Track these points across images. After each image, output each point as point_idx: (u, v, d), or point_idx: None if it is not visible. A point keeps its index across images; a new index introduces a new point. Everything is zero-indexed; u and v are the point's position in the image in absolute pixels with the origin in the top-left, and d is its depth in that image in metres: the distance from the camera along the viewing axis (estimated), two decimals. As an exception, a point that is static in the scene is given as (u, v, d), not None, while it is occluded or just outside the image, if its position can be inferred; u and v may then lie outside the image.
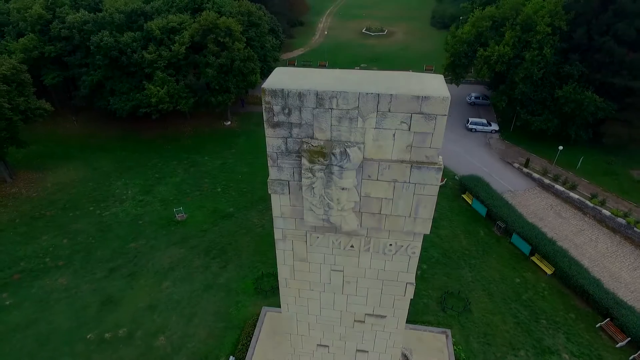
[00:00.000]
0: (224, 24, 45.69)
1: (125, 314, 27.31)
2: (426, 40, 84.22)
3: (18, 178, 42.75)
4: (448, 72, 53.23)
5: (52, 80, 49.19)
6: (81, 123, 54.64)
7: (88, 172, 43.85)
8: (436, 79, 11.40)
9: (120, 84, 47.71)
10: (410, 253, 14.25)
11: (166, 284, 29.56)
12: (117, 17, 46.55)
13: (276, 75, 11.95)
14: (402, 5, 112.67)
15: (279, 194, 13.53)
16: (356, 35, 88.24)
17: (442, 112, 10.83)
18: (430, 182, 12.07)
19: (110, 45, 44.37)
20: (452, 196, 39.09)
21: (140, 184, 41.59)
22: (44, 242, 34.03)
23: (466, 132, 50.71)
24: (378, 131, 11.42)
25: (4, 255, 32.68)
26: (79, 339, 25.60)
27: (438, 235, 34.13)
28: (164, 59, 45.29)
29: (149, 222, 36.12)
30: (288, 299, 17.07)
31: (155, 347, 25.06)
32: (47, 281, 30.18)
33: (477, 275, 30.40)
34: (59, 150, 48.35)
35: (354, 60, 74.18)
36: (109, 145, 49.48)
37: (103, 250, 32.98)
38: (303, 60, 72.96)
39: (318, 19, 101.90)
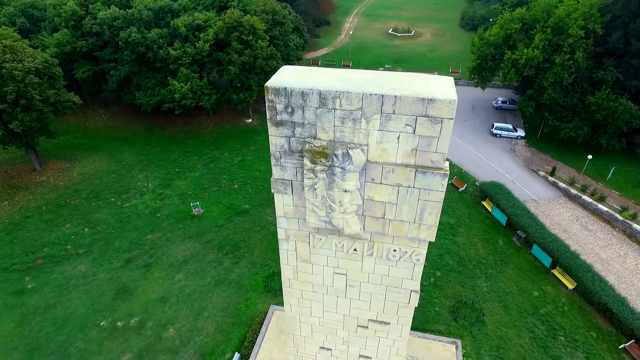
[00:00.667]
0: (248, 22, 46.07)
1: (138, 304, 27.92)
2: (454, 42, 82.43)
3: (47, 167, 44.49)
4: (474, 75, 51.86)
5: (83, 74, 50.92)
6: (109, 116, 56.36)
7: (112, 164, 45.16)
8: (444, 81, 10.97)
9: (146, 80, 48.91)
10: (415, 260, 13.85)
11: (179, 276, 30.04)
12: (145, 14, 47.72)
13: (281, 73, 11.82)
14: (431, 6, 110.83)
15: (282, 193, 13.41)
16: (382, 36, 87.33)
17: (448, 116, 10.40)
18: (436, 188, 11.65)
19: (137, 41, 45.53)
20: (472, 202, 38.00)
21: (161, 178, 42.49)
22: (66, 230, 35.26)
23: (490, 137, 49.25)
24: (382, 133, 11.11)
25: (29, 240, 34.06)
26: (93, 326, 26.35)
27: (454, 242, 33.24)
28: (189, 55, 46.08)
29: (167, 215, 36.84)
30: (291, 299, 16.95)
31: (165, 338, 25.48)
32: (67, 267, 31.24)
33: (493, 285, 29.40)
34: (87, 142, 50.04)
35: (379, 61, 73.45)
36: (134, 138, 50.82)
37: (121, 241, 33.85)
38: (327, 60, 72.79)
39: (344, 19, 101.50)
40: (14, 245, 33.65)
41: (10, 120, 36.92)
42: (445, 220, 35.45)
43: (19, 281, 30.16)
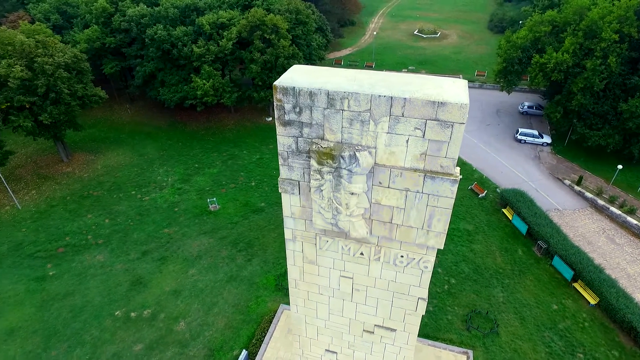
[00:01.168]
0: (271, 21, 46.30)
1: (152, 296, 28.45)
2: (481, 44, 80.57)
3: (73, 159, 45.99)
4: (499, 79, 50.46)
5: (111, 69, 52.38)
6: (134, 111, 57.81)
7: (135, 158, 46.27)
8: (456, 84, 10.60)
9: (170, 76, 49.88)
10: (423, 267, 13.50)
11: (192, 271, 30.44)
12: (171, 12, 48.65)
13: (290, 72, 11.70)
14: (459, 8, 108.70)
15: (289, 193, 13.31)
16: (407, 37, 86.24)
17: (459, 120, 10.04)
18: (445, 194, 11.30)
19: (163, 38, 46.47)
20: (491, 209, 36.95)
21: (180, 173, 43.24)
22: (88, 220, 36.33)
23: (515, 143, 47.81)
24: (390, 136, 10.85)
25: (53, 229, 35.27)
26: (108, 315, 27.01)
27: (471, 249, 32.39)
28: (212, 53, 46.70)
29: (184, 210, 37.43)
30: (297, 300, 16.86)
31: (175, 331, 25.86)
32: (87, 257, 32.17)
33: (509, 296, 28.47)
34: (112, 136, 51.47)
35: (402, 62, 72.57)
36: (157, 133, 51.93)
37: (139, 233, 34.60)
38: (349, 60, 72.44)
39: (370, 19, 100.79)
40: (39, 233, 34.92)
41: (40, 113, 38.34)
42: (462, 227, 34.62)
43: (41, 268, 31.27)
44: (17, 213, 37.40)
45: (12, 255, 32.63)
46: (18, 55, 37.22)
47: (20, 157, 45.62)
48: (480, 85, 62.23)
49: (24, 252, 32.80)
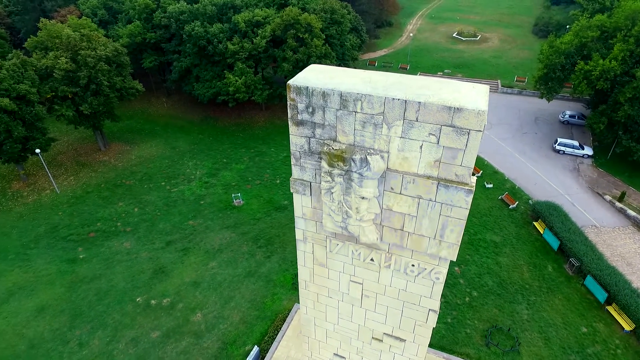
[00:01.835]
0: (305, 20, 46.41)
1: (172, 285, 29.20)
2: (523, 49, 77.35)
3: (110, 148, 48.04)
4: (539, 85, 48.17)
5: (150, 64, 54.29)
6: (170, 105, 59.67)
7: (167, 150, 47.73)
8: (476, 90, 10.07)
9: (204, 72, 51.08)
10: (434, 278, 12.99)
11: (212, 264, 31.00)
12: (209, 9, 49.78)
13: (305, 72, 11.56)
14: (502, 11, 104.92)
15: (301, 194, 13.20)
16: (445, 40, 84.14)
17: (476, 127, 9.53)
18: (459, 204, 10.79)
19: (199, 34, 47.62)
20: (522, 222, 35.31)
21: (209, 167, 44.19)
22: (119, 208, 37.82)
23: (552, 154, 45.49)
24: (404, 141, 10.47)
25: (86, 214, 36.97)
26: (129, 300, 27.98)
27: (497, 262, 31.09)
28: (245, 50, 47.40)
29: (209, 204, 38.21)
30: (307, 301, 16.72)
31: (192, 321, 26.41)
32: (115, 243, 33.48)
33: (534, 314, 27.07)
34: (147, 127, 53.35)
35: (439, 65, 70.88)
36: (189, 127, 53.34)
37: (165, 224, 35.64)
38: (384, 62, 71.51)
39: (408, 20, 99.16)
40: (74, 217, 36.70)
41: (81, 103, 40.29)
42: (489, 238, 33.29)
43: (73, 250, 32.84)
44: (56, 197, 39.49)
45: (48, 236, 34.48)
46: (64, 47, 39.26)
47: (62, 144, 48.16)
48: (520, 92, 59.75)
49: (58, 235, 34.58)
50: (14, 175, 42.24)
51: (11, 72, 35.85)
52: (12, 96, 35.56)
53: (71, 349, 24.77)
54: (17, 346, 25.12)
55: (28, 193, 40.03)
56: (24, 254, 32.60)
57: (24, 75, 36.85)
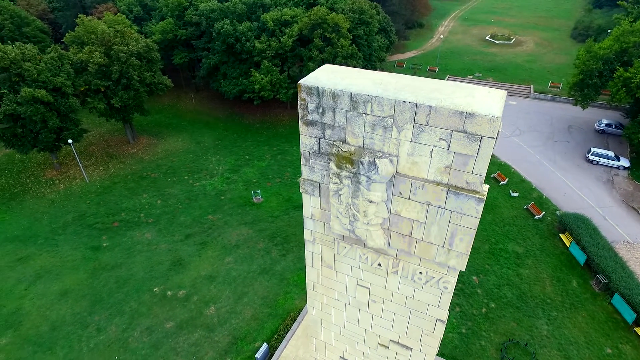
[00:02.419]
0: (332, 20, 46.31)
1: (189, 278, 29.78)
2: (560, 53, 74.39)
3: (138, 141, 49.56)
4: (574, 92, 46.15)
5: (180, 60, 55.64)
6: (197, 100, 60.96)
7: (192, 145, 48.78)
8: (491, 95, 9.67)
9: (232, 69, 51.87)
10: (442, 287, 12.61)
11: (228, 259, 31.41)
12: (239, 7, 50.50)
13: (317, 71, 11.46)
14: (540, 13, 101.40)
15: (310, 194, 13.09)
16: (477, 42, 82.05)
17: (488, 134, 9.15)
18: (469, 212, 10.41)
19: (228, 32, 48.39)
20: (547, 233, 33.92)
21: (231, 163, 44.83)
22: (143, 200, 38.94)
23: (585, 164, 43.48)
24: (414, 145, 10.20)
25: (112, 204, 38.27)
26: (147, 290, 28.74)
27: (518, 273, 29.99)
28: (272, 49, 47.79)
29: (229, 199, 38.75)
30: (314, 302, 16.63)
31: (205, 314, 26.84)
32: (137, 233, 34.48)
33: (555, 330, 25.93)
34: (175, 122, 54.69)
35: (469, 68, 69.15)
36: (215, 123, 54.31)
37: (185, 217, 36.42)
38: (412, 63, 70.44)
39: (440, 22, 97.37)
40: (100, 206, 38.08)
41: (112, 96, 41.74)
42: (511, 248, 32.18)
43: (97, 238, 34.06)
44: (85, 186, 41.09)
45: (75, 223, 35.92)
46: (99, 42, 40.78)
47: (94, 135, 50.06)
48: (553, 98, 57.48)
49: (85, 222, 35.96)
50: (48, 163, 44.26)
51: (49, 65, 37.55)
52: (49, 88, 37.25)
53: (89, 333, 25.69)
54: (40, 327, 26.28)
55: (60, 181, 41.84)
56: (52, 239, 34.09)
57: (60, 69, 38.52)
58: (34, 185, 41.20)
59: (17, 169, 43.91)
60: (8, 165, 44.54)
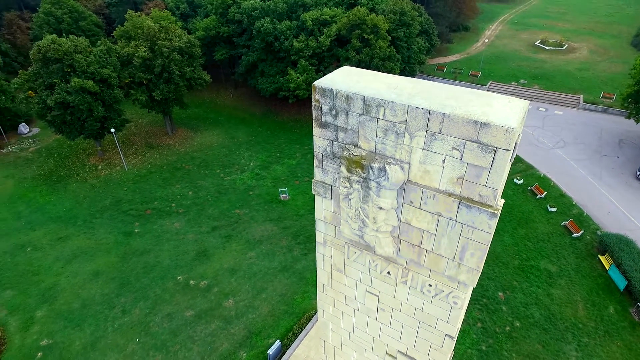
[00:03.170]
0: (371, 21, 45.84)
1: (211, 269, 30.53)
2: (617, 62, 69.67)
3: (176, 133, 51.40)
4: (628, 104, 43.03)
5: (221, 56, 57.10)
6: (235, 96, 62.36)
7: (226, 140, 49.97)
8: (510, 105, 9.16)
9: (269, 67, 52.60)
10: (452, 302, 12.13)
11: (251, 254, 31.89)
12: (280, 6, 51.10)
13: (334, 73, 11.34)
14: (599, 19, 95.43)
15: (322, 197, 13.01)
16: (526, 48, 78.45)
17: (503, 146, 8.68)
18: (481, 227, 9.94)
19: (268, 30, 49.09)
20: (585, 253, 31.84)
21: (262, 159, 45.51)
22: (175, 190, 40.35)
23: (635, 182, 40.44)
24: (426, 153, 9.86)
25: (146, 192, 39.93)
26: (171, 278, 29.74)
27: (548, 293, 28.35)
28: (310, 48, 47.99)
29: (257, 195, 39.35)
30: (324, 305, 16.54)
31: (223, 306, 27.41)
32: (167, 222, 35.78)
33: (584, 358, 24.25)
34: (212, 116, 56.26)
35: (514, 74, 66.26)
36: (250, 119, 55.34)
37: (214, 209, 37.36)
38: (453, 67, 68.41)
39: (487, 26, 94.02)
40: (135, 194, 39.85)
41: (153, 89, 43.53)
42: (543, 266, 30.48)
43: (130, 224, 35.68)
44: (124, 174, 43.16)
45: (112, 209, 37.81)
46: (144, 37, 42.64)
47: (136, 126, 52.44)
48: (604, 110, 53.90)
49: (120, 208, 37.77)
50: (93, 150, 46.86)
51: (98, 58, 39.73)
52: (97, 79, 39.41)
53: (115, 314, 26.94)
54: (72, 304, 27.88)
55: (102, 167, 44.20)
56: (90, 222, 36.08)
57: (108, 61, 40.65)
58: (79, 170, 43.78)
59: (65, 153, 46.84)
60: (57, 149, 47.60)
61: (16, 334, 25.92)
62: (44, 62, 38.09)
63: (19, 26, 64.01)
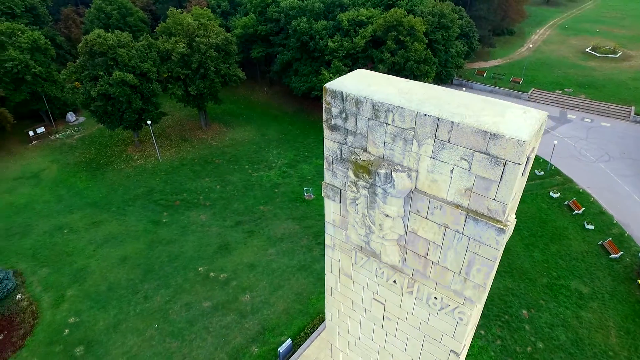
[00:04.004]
0: (408, 22, 45.02)
1: (231, 263, 31.11)
2: (676, 73, 64.61)
3: (210, 128, 52.78)
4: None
5: (257, 54, 58.07)
6: (270, 94, 63.21)
7: (257, 136, 50.75)
8: (525, 116, 8.67)
9: (303, 66, 52.90)
10: (458, 318, 11.67)
11: (271, 250, 32.21)
12: (317, 6, 51.26)
13: (347, 76, 11.20)
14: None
15: (331, 200, 12.90)
16: (575, 54, 74.41)
17: (513, 159, 8.23)
18: (488, 242, 9.50)
19: (304, 30, 49.37)
20: (623, 277, 29.73)
21: (290, 158, 45.85)
22: (204, 183, 41.45)
23: (687, 203, 37.37)
24: (434, 162, 9.54)
25: (177, 184, 41.27)
26: (192, 268, 30.57)
27: (577, 315, 26.71)
28: (344, 49, 47.81)
29: (282, 193, 39.69)
30: (332, 309, 16.41)
31: (240, 300, 27.85)
32: (194, 214, 36.82)
33: (613, 387, 22.73)
34: (245, 113, 57.31)
35: (559, 82, 63.00)
36: (282, 117, 55.91)
37: (239, 204, 38.05)
38: (494, 72, 65.93)
39: (534, 30, 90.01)
40: (167, 185, 41.29)
41: (189, 84, 44.90)
42: (574, 286, 28.75)
43: (159, 214, 37.01)
44: (157, 165, 44.83)
45: (144, 198, 39.38)
46: (184, 34, 44.05)
47: (173, 119, 54.32)
48: (657, 123, 50.19)
49: (152, 198, 39.26)
50: (131, 140, 49.01)
51: (139, 52, 41.47)
52: (137, 73, 41.15)
53: (138, 299, 28.04)
54: (99, 286, 29.29)
55: (137, 157, 46.14)
56: (123, 209, 37.75)
57: (148, 56, 42.35)
58: (116, 159, 45.93)
59: (105, 142, 49.28)
60: (99, 138, 50.17)
61: (48, 310, 27.55)
62: (90, 55, 40.22)
63: (74, 20, 67.98)
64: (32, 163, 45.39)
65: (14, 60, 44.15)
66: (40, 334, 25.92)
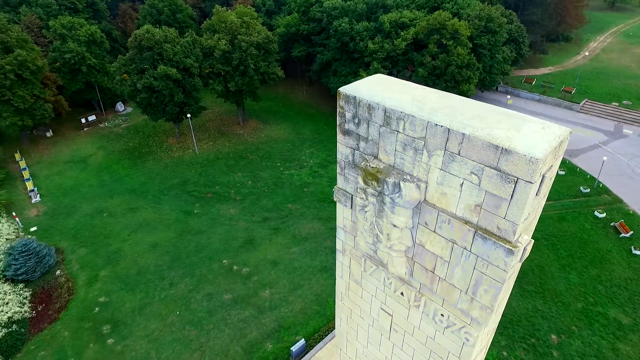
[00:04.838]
0: (452, 26, 43.64)
1: (255, 258, 31.60)
2: None
3: (247, 124, 53.90)
4: None
5: (298, 53, 58.54)
6: (308, 93, 63.59)
7: (291, 135, 51.22)
8: (543, 132, 8.10)
9: (342, 67, 52.72)
10: (464, 338, 11.15)
11: (294, 249, 32.40)
12: (360, 7, 50.87)
13: (363, 80, 10.98)
14: None
15: (343, 204, 12.76)
16: (638, 64, 69.10)
17: (525, 177, 7.72)
18: (496, 263, 9.00)
19: (345, 30, 49.19)
20: (671, 309, 27.21)
21: (322, 157, 45.88)
22: (236, 177, 42.39)
23: None
24: (444, 174, 9.15)
25: (210, 177, 42.51)
26: (217, 260, 31.35)
27: (615, 348, 24.46)
28: (384, 51, 47.14)
29: (311, 192, 39.81)
30: (341, 314, 16.23)
31: (259, 296, 28.23)
32: (224, 207, 37.76)
33: None
34: (283, 111, 58.01)
35: (616, 93, 58.72)
36: (318, 117, 56.05)
37: (268, 201, 38.57)
38: (543, 81, 62.49)
39: (593, 37, 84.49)
40: (201, 177, 42.64)
41: (229, 80, 46.06)
42: (613, 315, 26.65)
43: (191, 205, 38.28)
44: (194, 157, 46.40)
45: (178, 188, 40.90)
46: (227, 31, 45.23)
47: (212, 113, 55.98)
48: None
49: (186, 189, 40.69)
50: (171, 132, 51.05)
51: (183, 48, 43.07)
52: (180, 67, 42.77)
53: (163, 285, 29.16)
54: (130, 269, 30.75)
55: (176, 149, 47.99)
56: (158, 198, 39.41)
57: (192, 52, 43.88)
58: (157, 149, 48.01)
59: (148, 133, 51.66)
60: (143, 128, 52.66)
61: (82, 288, 29.30)
62: (139, 49, 42.28)
63: (130, 16, 71.81)
64: (82, 148, 48.43)
65: (72, 52, 47.29)
66: (73, 310, 27.62)
